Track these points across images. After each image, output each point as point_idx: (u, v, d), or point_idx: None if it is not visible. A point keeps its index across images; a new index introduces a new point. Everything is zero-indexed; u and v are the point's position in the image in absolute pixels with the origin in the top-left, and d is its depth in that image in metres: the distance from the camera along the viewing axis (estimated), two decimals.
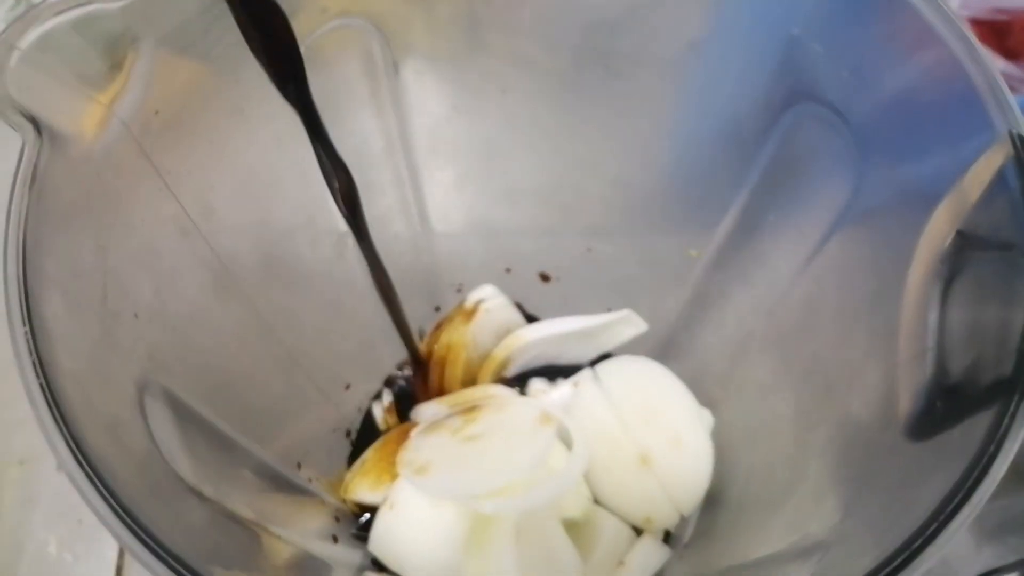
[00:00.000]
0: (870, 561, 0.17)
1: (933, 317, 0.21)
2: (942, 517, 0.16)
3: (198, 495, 0.22)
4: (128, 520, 0.16)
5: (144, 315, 0.23)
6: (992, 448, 0.17)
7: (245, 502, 0.26)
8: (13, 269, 0.16)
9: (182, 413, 0.24)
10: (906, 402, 0.21)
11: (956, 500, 0.16)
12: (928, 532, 0.16)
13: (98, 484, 0.16)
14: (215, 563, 0.18)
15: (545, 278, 0.41)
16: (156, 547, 0.16)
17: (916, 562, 0.16)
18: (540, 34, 0.30)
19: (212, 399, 0.26)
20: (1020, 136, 0.19)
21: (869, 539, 0.18)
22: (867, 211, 0.25)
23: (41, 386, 0.16)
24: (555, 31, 0.30)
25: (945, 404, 0.19)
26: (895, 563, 0.16)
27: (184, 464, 0.22)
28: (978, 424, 0.17)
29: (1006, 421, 0.17)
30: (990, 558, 0.30)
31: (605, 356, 0.40)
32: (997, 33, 0.49)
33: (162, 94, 0.23)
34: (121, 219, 0.22)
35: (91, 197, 0.21)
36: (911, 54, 0.22)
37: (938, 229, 0.22)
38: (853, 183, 0.25)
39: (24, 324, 0.16)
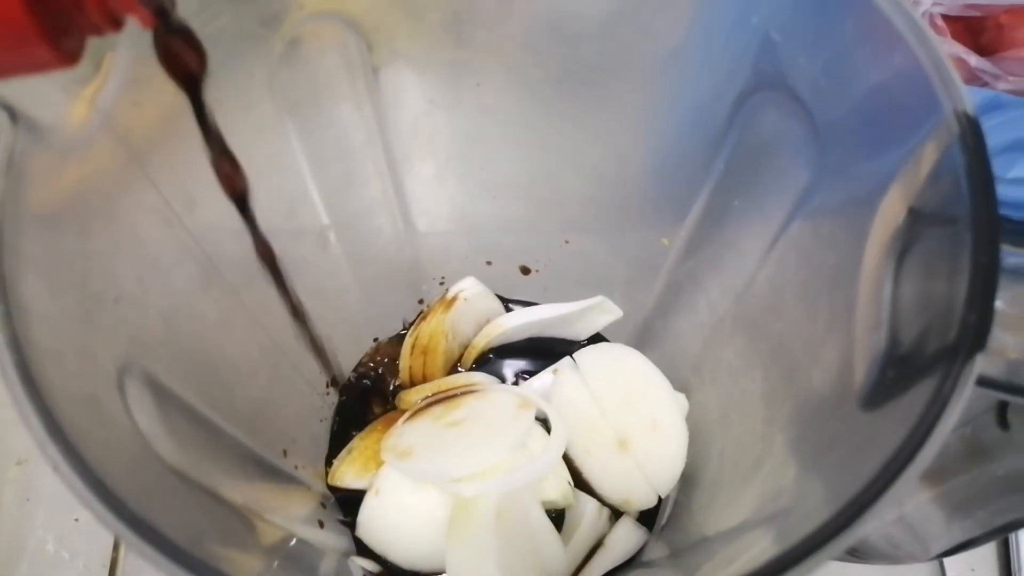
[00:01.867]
0: (824, 517, 0.17)
1: (887, 291, 0.22)
2: (889, 474, 0.17)
3: (181, 477, 0.23)
4: (101, 491, 0.16)
5: (126, 301, 0.23)
6: (936, 408, 0.17)
7: (232, 487, 0.26)
8: None
9: (164, 397, 0.24)
10: (861, 373, 0.22)
11: (904, 458, 0.17)
12: (877, 488, 0.17)
13: (71, 457, 0.16)
14: (202, 541, 0.19)
15: (525, 271, 0.42)
16: (132, 517, 0.16)
17: (866, 515, 0.17)
18: (523, 42, 0.30)
19: (197, 386, 0.27)
20: (964, 114, 0.20)
21: (825, 500, 0.19)
22: (827, 194, 0.26)
23: (15, 362, 0.16)
24: (537, 40, 0.30)
25: (895, 373, 0.20)
26: (847, 516, 0.17)
27: (166, 446, 0.22)
28: (924, 389, 0.18)
29: (948, 383, 0.17)
30: (959, 532, 0.30)
31: (584, 345, 0.41)
32: (970, 30, 0.50)
33: (141, 86, 0.24)
34: (102, 207, 0.23)
35: (71, 185, 0.21)
36: (861, 39, 0.22)
37: (891, 207, 0.22)
38: (814, 167, 0.26)
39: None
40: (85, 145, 0.22)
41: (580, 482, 0.35)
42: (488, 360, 0.40)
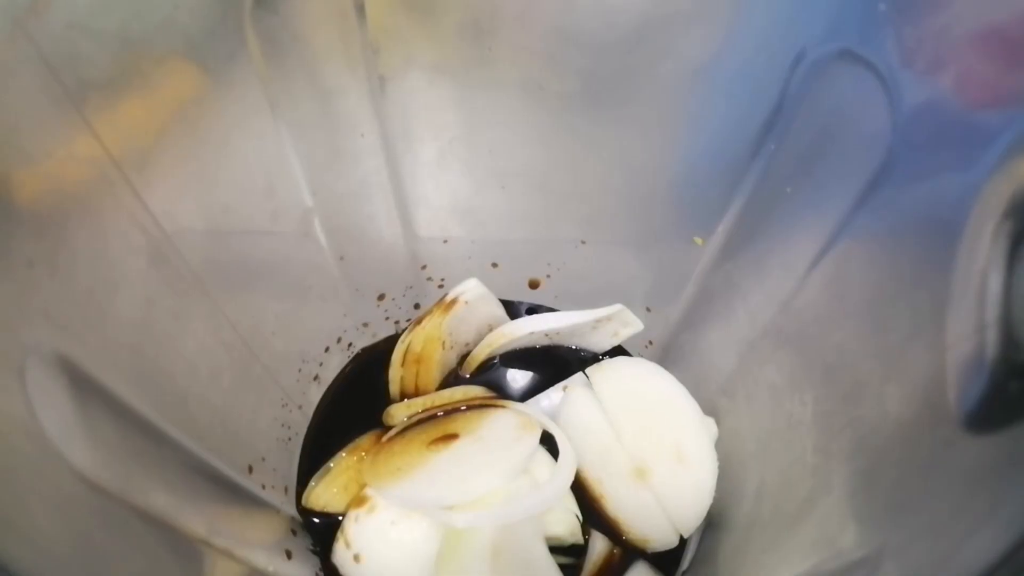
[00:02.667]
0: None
1: (994, 286, 0.18)
2: None
3: (102, 494, 0.19)
4: None
5: (44, 266, 0.19)
6: None
7: (176, 508, 0.23)
8: None
9: (86, 391, 0.20)
10: (960, 389, 0.18)
11: None
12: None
13: None
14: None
15: (534, 285, 0.39)
16: None
17: None
18: (547, 55, 0.29)
19: (137, 382, 0.23)
20: None
21: (934, 551, 0.14)
22: (904, 178, 0.22)
23: None
24: (562, 53, 0.28)
25: (1019, 384, 0.16)
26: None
27: (82, 453, 0.19)
28: None
29: None
30: None
31: (600, 359, 0.38)
32: None
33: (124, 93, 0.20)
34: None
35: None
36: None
37: (999, 187, 0.19)
38: (889, 147, 0.22)
39: None
40: None
41: (589, 516, 0.32)
42: (492, 366, 0.37)
